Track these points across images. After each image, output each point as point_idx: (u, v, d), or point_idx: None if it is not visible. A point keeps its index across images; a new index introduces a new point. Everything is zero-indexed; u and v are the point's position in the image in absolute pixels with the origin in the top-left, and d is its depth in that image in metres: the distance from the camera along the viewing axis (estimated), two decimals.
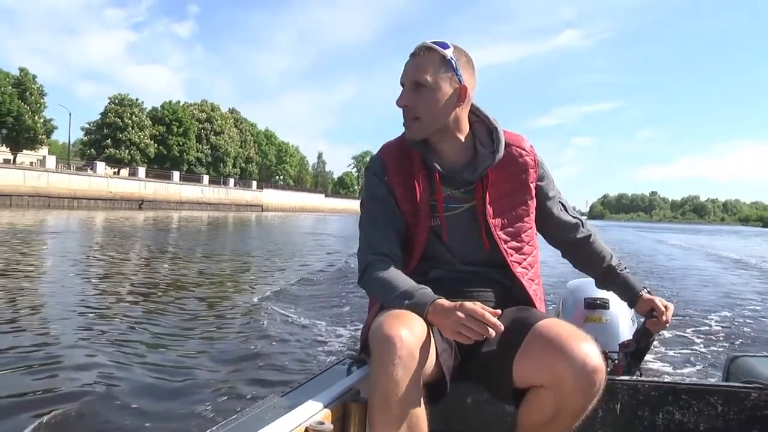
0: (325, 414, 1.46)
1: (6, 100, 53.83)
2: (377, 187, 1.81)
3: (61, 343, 5.01)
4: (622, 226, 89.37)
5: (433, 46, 1.67)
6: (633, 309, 2.05)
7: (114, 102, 67.32)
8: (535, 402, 1.54)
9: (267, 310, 6.47)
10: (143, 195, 60.52)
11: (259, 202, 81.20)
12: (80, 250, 14.27)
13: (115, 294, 7.70)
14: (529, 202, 1.83)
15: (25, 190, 47.40)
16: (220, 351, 4.76)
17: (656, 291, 4.79)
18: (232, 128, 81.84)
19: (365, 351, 1.75)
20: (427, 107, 1.69)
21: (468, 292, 1.74)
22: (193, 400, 3.54)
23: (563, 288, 3.45)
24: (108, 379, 3.90)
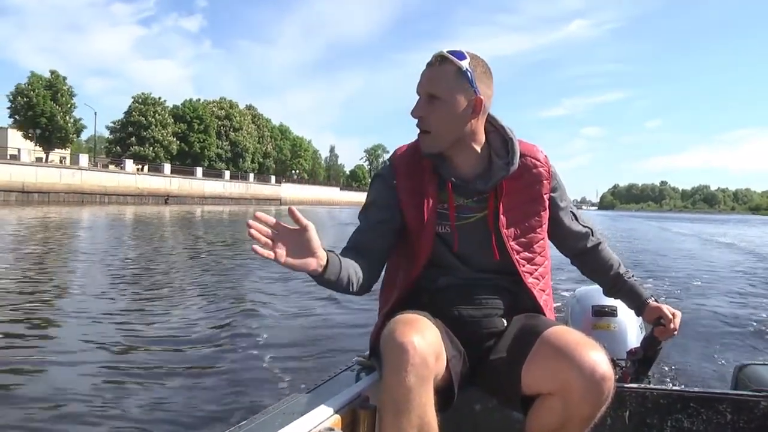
0: (335, 420, 1.46)
1: (40, 102, 57.04)
2: (381, 193, 1.80)
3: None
4: (631, 216, 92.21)
5: (449, 56, 1.64)
6: (640, 317, 2.05)
7: (137, 101, 69.98)
8: (544, 409, 1.53)
9: (278, 309, 6.68)
10: (169, 190, 63.18)
11: (277, 196, 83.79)
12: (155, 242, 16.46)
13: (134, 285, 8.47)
14: (542, 213, 1.82)
15: (60, 188, 50.35)
16: (228, 352, 4.80)
17: (661, 291, 7.04)
18: (250, 124, 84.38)
19: (374, 356, 1.75)
20: (440, 121, 1.66)
21: (477, 300, 1.74)
22: (202, 404, 3.57)
23: (571, 296, 3.42)
24: (106, 373, 4.18)
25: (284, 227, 1.47)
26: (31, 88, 57.52)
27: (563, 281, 7.66)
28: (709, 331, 6.31)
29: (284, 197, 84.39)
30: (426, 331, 1.48)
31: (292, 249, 1.46)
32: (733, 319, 7.24)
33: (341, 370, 1.85)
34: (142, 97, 70.58)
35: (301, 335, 5.41)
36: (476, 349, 1.72)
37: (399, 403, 1.41)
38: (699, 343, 5.55)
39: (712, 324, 6.80)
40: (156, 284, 8.69)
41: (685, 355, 4.99)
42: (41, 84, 58.29)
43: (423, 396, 1.42)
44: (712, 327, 6.62)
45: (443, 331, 1.61)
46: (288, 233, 1.47)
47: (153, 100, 70.63)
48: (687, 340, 5.36)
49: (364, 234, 1.79)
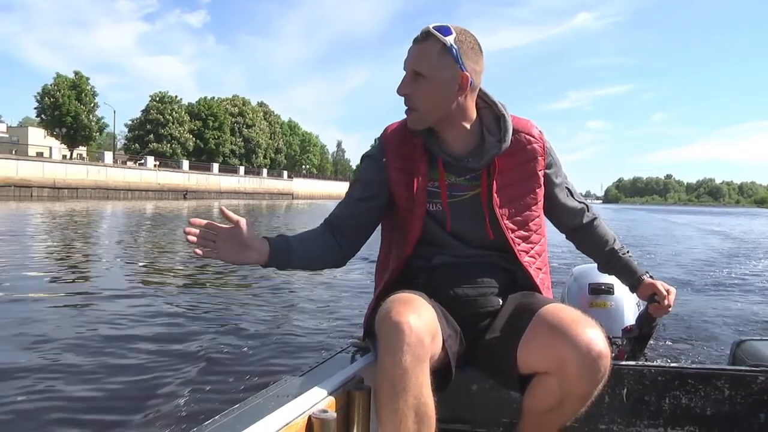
0: (329, 402, 1.45)
1: (66, 102, 60.00)
2: (368, 171, 1.81)
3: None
4: (636, 209, 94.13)
5: (434, 32, 1.60)
6: (635, 293, 2.01)
7: (155, 99, 72.55)
8: (541, 388, 1.53)
9: (274, 294, 6.73)
10: (187, 186, 65.48)
11: (289, 190, 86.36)
12: None
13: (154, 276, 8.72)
14: (538, 190, 1.79)
15: (87, 183, 52.88)
16: (225, 336, 4.84)
17: (657, 270, 8.73)
18: (262, 121, 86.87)
19: (369, 337, 1.79)
20: (425, 98, 1.64)
21: (472, 279, 1.74)
22: (196, 389, 3.57)
23: (569, 274, 3.40)
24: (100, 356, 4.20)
25: (218, 227, 1.54)
26: (57, 89, 60.42)
27: (563, 259, 7.75)
28: (707, 307, 6.36)
29: (296, 191, 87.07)
30: (422, 311, 1.47)
31: (230, 246, 1.53)
32: (731, 295, 7.45)
33: (336, 352, 1.86)
34: (159, 95, 73.19)
35: (294, 319, 5.37)
36: (472, 328, 1.70)
37: (395, 384, 1.39)
38: (696, 320, 5.50)
39: (710, 300, 6.94)
40: (174, 269, 9.19)
41: (682, 332, 4.93)
42: (66, 84, 61.19)
43: (419, 376, 1.40)
44: (710, 303, 6.72)
45: (439, 311, 1.60)
46: (224, 232, 1.53)
47: (170, 99, 73.21)
48: (684, 317, 5.36)
49: (343, 210, 1.80)
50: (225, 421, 1.29)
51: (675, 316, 5.08)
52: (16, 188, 45.70)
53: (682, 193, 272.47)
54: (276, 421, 1.28)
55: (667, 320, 4.52)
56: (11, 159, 48.00)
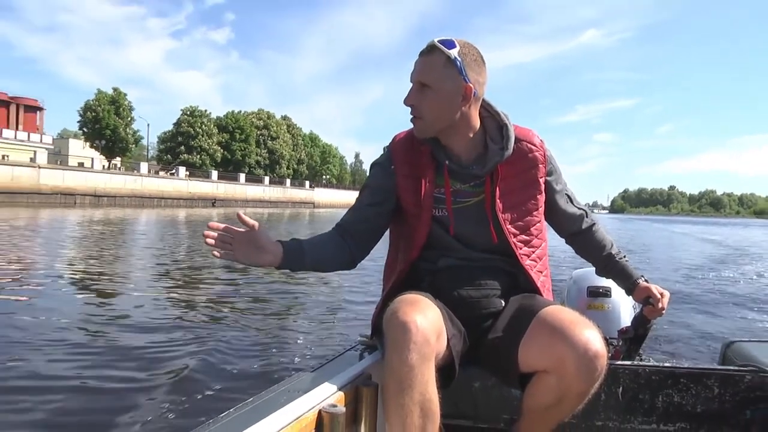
0: (338, 397, 1.48)
1: (105, 116, 62.16)
2: (375, 177, 1.85)
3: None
4: (640, 219, 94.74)
5: (438, 45, 1.64)
6: (630, 296, 2.03)
7: (186, 113, 74.26)
8: (540, 386, 1.56)
9: (285, 293, 6.74)
10: (216, 194, 67.07)
11: (311, 199, 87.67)
12: None
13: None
14: (539, 196, 1.82)
15: (125, 192, 54.87)
16: (237, 333, 4.80)
17: (654, 275, 9.27)
18: (286, 133, 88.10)
19: (376, 335, 1.82)
20: (430, 108, 1.68)
21: (476, 281, 1.76)
22: (208, 384, 3.55)
23: (569, 277, 3.42)
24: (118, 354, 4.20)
25: (236, 230, 1.58)
26: (98, 104, 62.69)
27: (564, 262, 7.73)
28: (699, 310, 6.43)
29: (317, 200, 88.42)
30: (428, 311, 1.50)
31: (246, 248, 1.58)
32: (722, 299, 7.52)
33: (345, 350, 1.89)
34: (190, 109, 74.84)
35: (306, 318, 5.36)
36: (475, 328, 1.73)
37: (401, 381, 1.41)
38: (689, 322, 5.56)
39: (703, 303, 6.97)
40: (197, 271, 9.22)
41: (676, 333, 4.98)
42: (106, 100, 63.39)
43: (425, 374, 1.42)
44: (703, 306, 6.78)
45: (444, 311, 1.62)
46: (241, 235, 1.58)
47: (200, 113, 74.77)
48: (678, 319, 5.41)
49: (353, 215, 1.84)
50: (238, 414, 1.30)
51: (669, 318, 5.09)
52: (62, 196, 47.78)
53: (684, 204, 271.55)
54: (287, 414, 1.31)
55: (662, 322, 4.46)
56: (58, 169, 50.34)
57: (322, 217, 50.23)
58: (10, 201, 42.23)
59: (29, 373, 3.84)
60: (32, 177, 46.31)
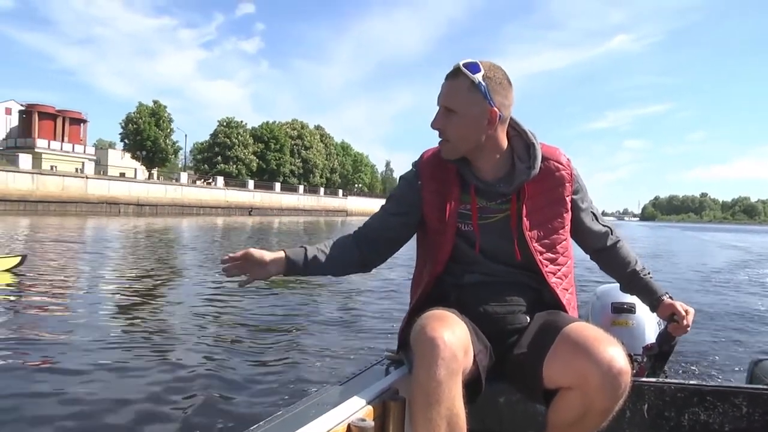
0: (367, 411, 1.49)
1: (146, 128, 63.90)
2: (401, 190, 1.88)
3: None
4: (671, 227, 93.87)
5: (463, 69, 1.66)
6: (655, 313, 2.02)
7: (222, 124, 75.62)
8: (564, 402, 1.56)
9: (310, 306, 6.72)
10: (252, 203, 68.52)
11: (344, 208, 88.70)
12: None
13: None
14: (565, 215, 1.83)
15: (165, 201, 56.55)
16: (265, 346, 4.82)
17: (679, 285, 9.65)
18: (319, 143, 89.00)
19: (403, 349, 1.83)
20: (456, 132, 1.70)
21: (501, 297, 1.78)
22: (236, 397, 3.58)
23: (593, 293, 3.41)
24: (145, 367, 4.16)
25: (244, 258, 1.73)
26: (139, 116, 64.46)
27: (588, 278, 7.33)
28: (725, 327, 6.18)
29: (350, 209, 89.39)
30: (455, 327, 1.52)
31: (255, 268, 1.74)
32: (749, 316, 7.20)
33: (371, 365, 1.88)
34: (226, 120, 76.18)
35: (333, 333, 5.36)
36: (501, 344, 1.73)
37: (429, 396, 1.42)
38: (715, 339, 5.39)
39: (729, 320, 6.68)
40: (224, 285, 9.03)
41: (702, 350, 4.85)
42: (147, 112, 65.18)
43: (452, 389, 1.44)
44: (729, 323, 6.50)
45: (470, 327, 1.63)
46: (249, 260, 1.73)
47: (236, 123, 76.05)
48: (704, 336, 5.26)
49: (376, 221, 1.90)
50: (268, 428, 1.32)
51: (694, 334, 4.94)
52: (107, 205, 49.47)
53: (717, 211, 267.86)
54: (317, 428, 1.33)
55: (687, 338, 4.66)
56: (104, 179, 52.05)
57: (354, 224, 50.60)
58: (60, 210, 44.09)
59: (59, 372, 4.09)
60: (80, 187, 48.24)
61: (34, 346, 4.89)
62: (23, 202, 42.57)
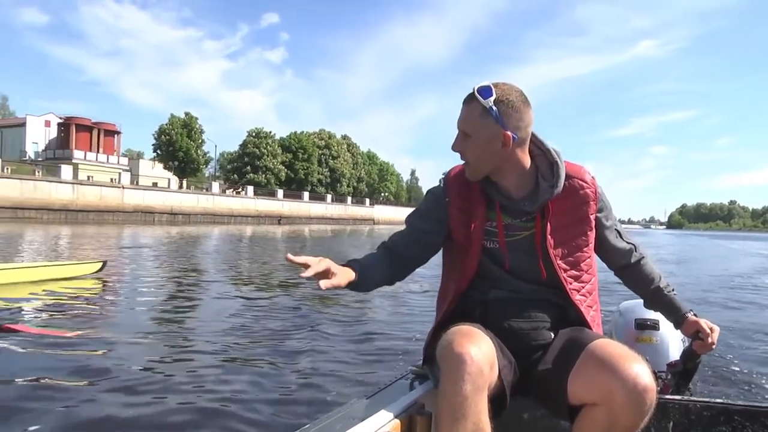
0: (394, 425, 1.51)
1: (179, 139, 65.33)
2: (429, 205, 1.91)
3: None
4: (698, 235, 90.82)
5: (476, 95, 1.69)
6: (679, 330, 2.02)
7: (251, 135, 76.66)
8: (589, 419, 1.56)
9: (337, 323, 6.66)
10: (281, 212, 69.30)
11: (371, 216, 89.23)
12: None
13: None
14: (589, 232, 1.84)
15: (198, 210, 57.76)
16: (287, 360, 4.79)
17: (704, 295, 9.30)
18: (346, 152, 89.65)
19: (428, 364, 1.86)
20: (473, 155, 1.75)
21: (526, 313, 1.79)
22: (262, 411, 3.54)
23: (615, 310, 3.37)
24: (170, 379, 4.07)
25: (324, 264, 1.64)
26: (171, 128, 65.95)
27: (611, 296, 6.79)
28: (753, 343, 5.98)
29: (377, 217, 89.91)
30: (481, 342, 1.53)
31: (327, 276, 1.64)
32: None
33: (396, 379, 1.90)
34: (255, 131, 77.25)
35: (354, 347, 5.39)
36: (525, 360, 1.74)
37: (456, 410, 1.44)
38: (743, 356, 5.22)
39: (758, 336, 6.41)
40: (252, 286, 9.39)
41: (729, 367, 4.72)
42: (179, 124, 66.62)
43: (478, 404, 1.45)
44: (757, 339, 6.27)
45: (495, 342, 1.64)
46: (327, 266, 1.65)
47: (265, 134, 76.97)
48: (730, 353, 5.12)
49: (403, 237, 1.91)
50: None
51: (721, 351, 4.91)
52: (142, 214, 50.75)
53: (747, 219, 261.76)
54: None
55: (712, 355, 4.23)
56: (139, 189, 53.41)
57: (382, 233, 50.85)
58: (98, 218, 45.38)
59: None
60: (117, 196, 49.61)
61: (129, 347, 5.19)
62: (65, 211, 43.97)
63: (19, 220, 36.28)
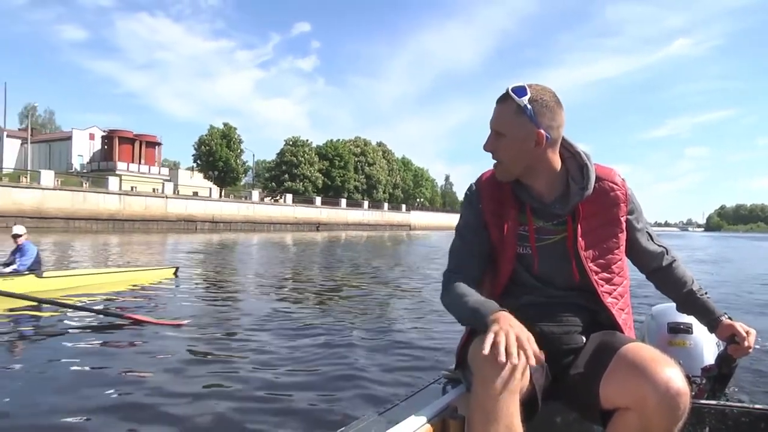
0: (427, 429, 1.51)
1: (218, 149, 66.50)
2: (470, 215, 1.89)
3: None
4: (738, 237, 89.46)
5: (511, 94, 1.70)
6: (713, 334, 1.98)
7: (289, 143, 77.75)
8: (621, 423, 1.54)
9: (366, 325, 6.80)
10: (319, 219, 70.02)
11: (407, 222, 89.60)
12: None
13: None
14: (620, 235, 1.83)
15: (238, 218, 58.65)
16: (321, 364, 4.87)
17: (743, 312, 7.52)
18: (381, 159, 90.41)
19: (460, 368, 1.85)
20: (506, 154, 1.75)
21: (558, 317, 1.79)
22: (296, 415, 3.60)
23: (647, 313, 3.28)
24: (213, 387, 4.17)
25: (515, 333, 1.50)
26: (210, 138, 67.18)
27: (643, 299, 6.93)
28: None
29: (413, 223, 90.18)
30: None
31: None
32: None
33: (429, 383, 1.91)
34: (292, 139, 78.24)
35: (388, 352, 5.41)
36: (557, 364, 1.73)
37: (488, 414, 1.44)
38: None
39: None
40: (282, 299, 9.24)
41: (764, 372, 4.53)
42: (218, 134, 67.80)
43: (510, 407, 1.45)
44: None
45: None
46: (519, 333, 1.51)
47: (302, 142, 77.91)
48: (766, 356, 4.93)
49: (461, 258, 1.88)
50: None
51: (758, 355, 4.71)
52: (185, 222, 51.82)
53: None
54: None
55: (749, 359, 4.11)
56: (181, 198, 54.47)
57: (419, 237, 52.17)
58: (144, 227, 46.45)
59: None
60: (161, 206, 50.76)
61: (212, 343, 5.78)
62: (112, 220, 45.28)
63: (70, 230, 37.22)
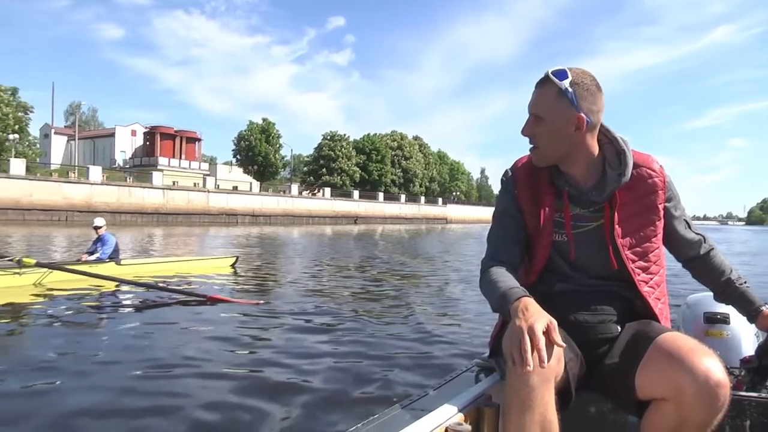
0: (461, 417, 1.51)
1: (257, 144, 67.27)
2: (506, 201, 1.85)
3: None
4: None
5: (551, 77, 1.66)
6: (753, 324, 1.92)
7: (326, 138, 78.18)
8: (658, 414, 1.51)
9: (399, 315, 6.86)
10: (357, 212, 70.50)
11: (444, 215, 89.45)
12: None
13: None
14: (657, 222, 1.79)
15: (278, 212, 59.35)
16: (355, 354, 4.92)
17: None
18: (418, 153, 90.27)
19: (494, 356, 1.84)
20: (545, 139, 1.71)
21: (593, 306, 1.75)
22: (332, 402, 3.64)
23: (683, 303, 3.19)
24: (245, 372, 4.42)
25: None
26: (250, 134, 68.01)
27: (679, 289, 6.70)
28: None
29: (450, 216, 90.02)
30: None
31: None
32: None
33: (462, 371, 1.89)
34: (330, 134, 78.65)
35: (422, 340, 5.44)
36: (591, 353, 1.71)
37: (523, 402, 1.43)
38: None
39: None
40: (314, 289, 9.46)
41: None
42: (257, 130, 68.59)
43: (545, 395, 1.44)
44: None
45: (562, 335, 1.54)
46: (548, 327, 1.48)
47: (339, 137, 78.29)
48: None
49: (498, 245, 1.84)
50: (367, 429, 1.37)
51: None
52: (226, 216, 52.64)
53: None
54: (416, 431, 1.37)
55: None
56: (223, 193, 55.24)
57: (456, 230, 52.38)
58: (186, 221, 47.38)
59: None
60: (203, 200, 51.61)
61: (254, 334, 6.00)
62: (156, 214, 46.49)
63: (117, 224, 37.97)
